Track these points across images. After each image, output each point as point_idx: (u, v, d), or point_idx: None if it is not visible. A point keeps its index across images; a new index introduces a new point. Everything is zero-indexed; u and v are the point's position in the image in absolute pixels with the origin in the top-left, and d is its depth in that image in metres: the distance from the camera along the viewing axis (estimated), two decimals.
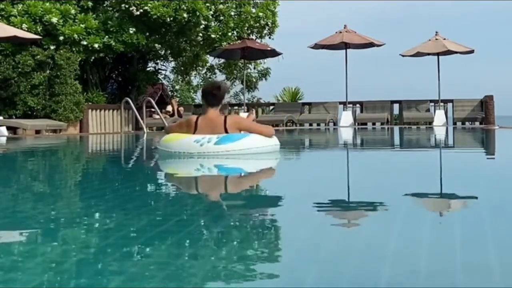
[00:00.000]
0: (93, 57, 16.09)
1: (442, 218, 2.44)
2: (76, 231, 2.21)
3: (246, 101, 20.08)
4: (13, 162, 6.49)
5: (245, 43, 17.28)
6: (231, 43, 17.52)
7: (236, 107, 19.78)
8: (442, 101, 18.16)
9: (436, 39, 18.22)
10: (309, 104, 19.40)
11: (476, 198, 2.95)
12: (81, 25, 15.49)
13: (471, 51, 18.29)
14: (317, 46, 18.78)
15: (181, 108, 18.53)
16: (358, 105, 18.82)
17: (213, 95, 5.45)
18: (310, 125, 18.09)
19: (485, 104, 17.19)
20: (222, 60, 20.90)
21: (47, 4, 15.34)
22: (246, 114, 18.12)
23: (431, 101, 18.40)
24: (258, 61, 21.10)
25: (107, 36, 15.76)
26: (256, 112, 19.16)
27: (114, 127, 16.44)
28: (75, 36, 15.25)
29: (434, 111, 18.04)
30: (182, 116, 17.06)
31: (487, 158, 6.41)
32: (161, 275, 1.55)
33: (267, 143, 5.51)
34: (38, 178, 4.47)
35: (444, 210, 2.65)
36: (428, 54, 18.38)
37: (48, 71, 15.12)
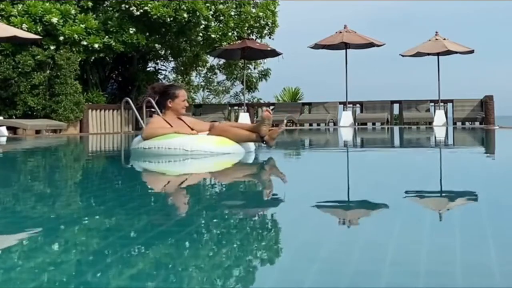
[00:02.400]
0: (93, 57, 16.09)
1: (442, 218, 2.44)
2: (70, 230, 2.22)
3: (246, 101, 20.06)
4: (12, 162, 6.49)
5: (245, 43, 17.27)
6: (231, 43, 17.51)
7: (236, 107, 19.76)
8: (442, 101, 18.16)
9: (436, 39, 18.22)
10: (309, 104, 19.39)
11: (476, 197, 2.95)
12: (81, 25, 15.49)
13: (471, 51, 18.30)
14: (317, 46, 18.78)
15: None
16: (358, 105, 18.82)
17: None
18: (310, 125, 18.08)
19: (485, 104, 17.19)
20: (222, 60, 20.90)
21: (47, 4, 15.34)
22: (247, 114, 18.13)
23: (431, 101, 18.40)
24: (258, 61, 21.09)
25: (107, 36, 15.76)
26: (256, 112, 19.14)
27: (114, 127, 16.44)
28: (75, 36, 15.25)
29: (434, 111, 18.03)
30: None
31: (487, 158, 6.40)
32: (159, 275, 1.55)
33: (146, 145, 5.43)
34: (37, 178, 4.47)
35: (444, 210, 2.65)
36: (428, 54, 18.38)
37: (48, 71, 15.13)
